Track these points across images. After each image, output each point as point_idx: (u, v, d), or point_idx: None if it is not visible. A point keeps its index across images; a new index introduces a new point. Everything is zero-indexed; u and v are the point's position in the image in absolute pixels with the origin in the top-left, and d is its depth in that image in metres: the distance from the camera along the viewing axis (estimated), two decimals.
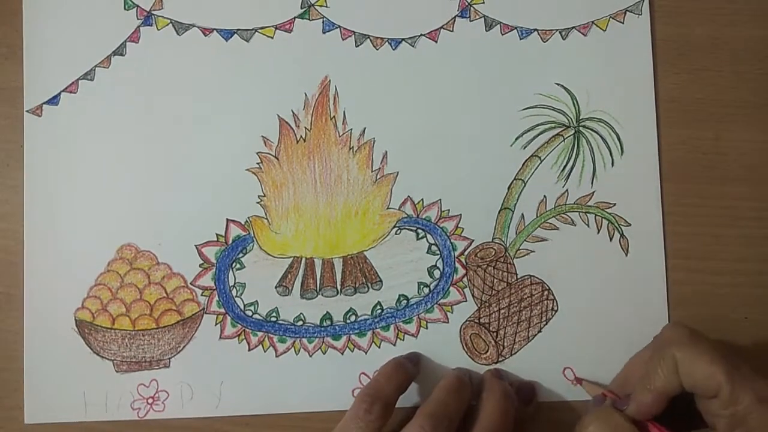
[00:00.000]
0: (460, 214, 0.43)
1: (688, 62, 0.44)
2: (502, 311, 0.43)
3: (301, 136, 0.43)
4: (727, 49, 0.44)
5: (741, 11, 0.44)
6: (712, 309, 0.43)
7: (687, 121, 0.44)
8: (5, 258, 0.43)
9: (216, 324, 0.42)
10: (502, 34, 0.44)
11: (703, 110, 0.44)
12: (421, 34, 0.44)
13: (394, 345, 0.43)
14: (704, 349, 0.35)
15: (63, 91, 0.43)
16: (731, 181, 0.43)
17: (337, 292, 0.43)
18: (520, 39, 0.44)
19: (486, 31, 0.44)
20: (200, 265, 0.43)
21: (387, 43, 0.44)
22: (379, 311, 0.43)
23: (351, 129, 0.43)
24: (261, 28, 0.43)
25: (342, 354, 0.42)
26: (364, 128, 0.43)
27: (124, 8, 0.43)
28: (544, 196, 0.43)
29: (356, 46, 0.43)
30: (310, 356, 0.42)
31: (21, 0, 0.43)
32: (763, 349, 0.43)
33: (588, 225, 0.43)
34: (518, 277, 0.43)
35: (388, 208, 0.43)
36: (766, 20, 0.44)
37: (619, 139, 0.43)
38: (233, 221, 0.43)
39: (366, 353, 0.42)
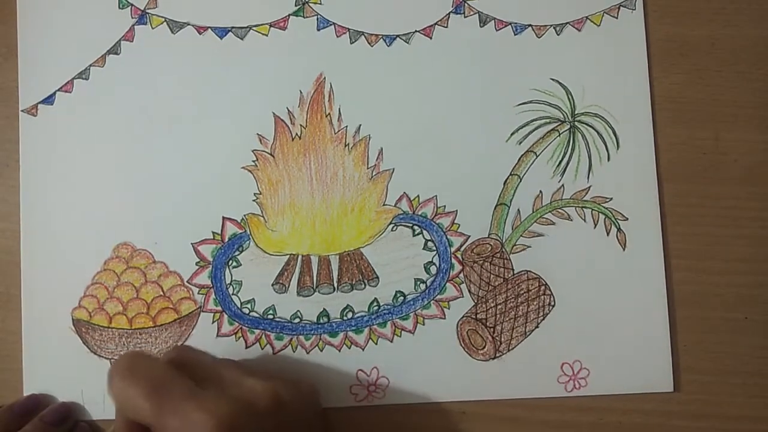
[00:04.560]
0: (456, 210, 0.43)
1: (688, 62, 0.44)
2: (499, 307, 0.43)
3: (297, 134, 0.43)
4: (727, 49, 0.44)
5: (741, 11, 0.44)
6: (712, 309, 0.43)
7: (687, 121, 0.43)
8: (4, 258, 0.43)
9: (213, 322, 0.42)
10: (497, 30, 0.44)
11: (703, 110, 0.44)
12: (416, 31, 0.44)
13: (391, 341, 0.43)
14: (133, 383, 0.32)
15: (58, 90, 0.43)
16: (731, 181, 0.43)
17: (334, 289, 0.43)
18: (515, 35, 0.44)
19: (480, 27, 0.44)
20: (196, 263, 0.43)
21: (381, 39, 0.44)
22: (376, 308, 0.43)
23: (346, 126, 0.43)
24: (255, 25, 0.43)
25: (339, 351, 0.42)
26: (360, 125, 0.43)
27: (119, 7, 0.43)
28: (540, 191, 0.43)
29: (351, 43, 0.43)
30: (308, 353, 0.42)
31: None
32: (763, 349, 0.43)
33: (584, 220, 0.43)
34: (515, 272, 0.43)
35: (384, 205, 0.43)
36: (766, 20, 0.44)
37: (614, 134, 0.43)
38: (229, 219, 0.43)
39: (363, 350, 0.42)
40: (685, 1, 0.44)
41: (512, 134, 0.43)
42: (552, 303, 0.43)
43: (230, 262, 0.43)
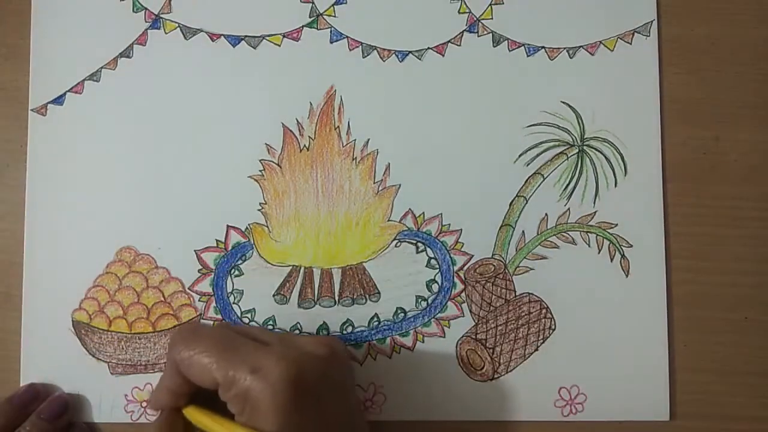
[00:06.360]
0: (461, 229, 0.43)
1: (688, 62, 0.44)
2: (500, 328, 0.43)
3: (305, 145, 0.43)
4: (727, 49, 0.44)
5: (741, 11, 0.44)
6: (712, 309, 0.43)
7: (687, 121, 0.43)
8: (5, 258, 0.43)
9: None
10: (510, 50, 0.44)
11: (703, 110, 0.44)
12: (429, 48, 0.43)
13: (390, 357, 0.42)
14: (198, 344, 0.34)
15: (68, 91, 0.43)
16: (731, 181, 0.43)
17: (335, 303, 0.43)
18: (527, 56, 0.43)
19: (493, 46, 0.44)
20: (199, 271, 0.43)
21: (394, 54, 0.43)
22: (376, 323, 0.43)
23: (355, 140, 0.43)
24: (269, 35, 0.43)
25: None
26: (368, 139, 0.43)
27: (133, 11, 0.43)
28: (546, 214, 0.43)
29: (363, 57, 0.43)
30: None
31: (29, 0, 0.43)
32: (763, 349, 0.43)
33: (589, 245, 0.43)
34: (517, 294, 0.43)
35: (388, 220, 0.43)
36: (766, 20, 0.44)
37: (623, 160, 0.43)
38: (233, 228, 0.43)
39: (362, 365, 0.42)
40: (685, 1, 0.44)
41: (520, 155, 0.43)
42: (552, 327, 0.43)
43: (232, 270, 0.43)
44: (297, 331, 0.42)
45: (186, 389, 0.35)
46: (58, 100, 0.43)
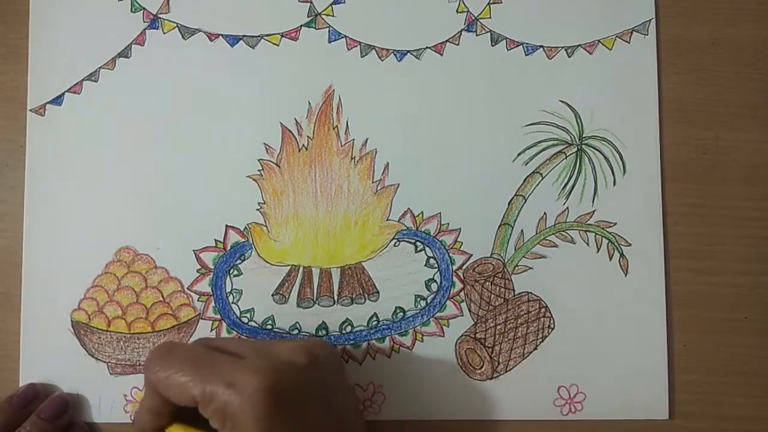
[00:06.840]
0: (460, 228, 0.43)
1: (688, 62, 0.44)
2: (499, 327, 0.43)
3: (303, 145, 0.43)
4: (727, 49, 0.44)
5: (741, 11, 0.44)
6: (712, 309, 0.43)
7: (687, 121, 0.43)
8: (5, 258, 0.43)
9: (212, 330, 0.42)
10: (508, 50, 0.44)
11: (703, 110, 0.44)
12: (427, 47, 0.43)
13: (389, 357, 0.42)
14: (173, 364, 0.34)
15: (67, 91, 0.43)
16: (731, 181, 0.43)
17: (334, 302, 0.43)
18: (526, 55, 0.43)
19: (492, 45, 0.44)
20: (197, 270, 0.43)
21: (392, 54, 0.43)
22: (375, 323, 0.43)
23: (353, 139, 0.43)
24: (267, 35, 0.43)
25: None
26: (367, 139, 0.43)
27: (131, 11, 0.43)
28: (545, 213, 0.43)
29: (361, 57, 0.43)
30: None
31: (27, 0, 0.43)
32: (763, 349, 0.43)
33: (588, 243, 0.43)
34: (516, 293, 0.43)
35: (387, 220, 0.43)
36: (766, 20, 0.44)
37: (621, 159, 0.43)
38: (232, 227, 0.43)
39: (360, 364, 0.42)
40: (685, 1, 0.44)
41: (519, 155, 0.43)
42: (551, 326, 0.43)
43: (231, 270, 0.43)
44: (296, 331, 0.42)
45: (167, 409, 0.35)
46: (57, 101, 0.43)
